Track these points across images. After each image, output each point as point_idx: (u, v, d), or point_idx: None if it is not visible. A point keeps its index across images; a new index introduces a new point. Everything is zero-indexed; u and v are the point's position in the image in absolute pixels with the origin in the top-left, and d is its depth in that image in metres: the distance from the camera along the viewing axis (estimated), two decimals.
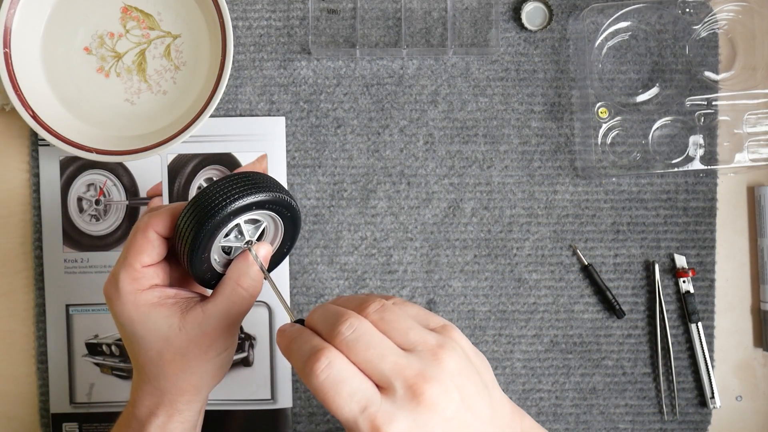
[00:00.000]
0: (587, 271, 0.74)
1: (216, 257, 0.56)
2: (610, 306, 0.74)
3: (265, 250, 0.56)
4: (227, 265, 0.57)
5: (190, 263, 0.54)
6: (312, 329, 0.47)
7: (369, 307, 0.47)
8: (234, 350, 0.57)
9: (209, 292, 0.58)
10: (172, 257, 0.57)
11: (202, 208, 0.53)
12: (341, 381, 0.44)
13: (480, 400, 0.46)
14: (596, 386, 0.75)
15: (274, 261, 0.60)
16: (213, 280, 0.57)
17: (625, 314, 0.74)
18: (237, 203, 0.52)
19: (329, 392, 0.44)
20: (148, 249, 0.55)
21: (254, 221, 0.56)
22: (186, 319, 0.55)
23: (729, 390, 0.76)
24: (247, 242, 0.56)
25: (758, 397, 0.76)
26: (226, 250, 0.57)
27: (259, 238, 0.57)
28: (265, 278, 0.56)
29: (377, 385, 0.44)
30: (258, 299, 0.74)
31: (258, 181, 0.54)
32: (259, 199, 0.53)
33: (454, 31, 0.74)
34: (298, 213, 0.57)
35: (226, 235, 0.55)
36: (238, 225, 0.55)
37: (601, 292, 0.74)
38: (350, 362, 0.44)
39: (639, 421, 0.75)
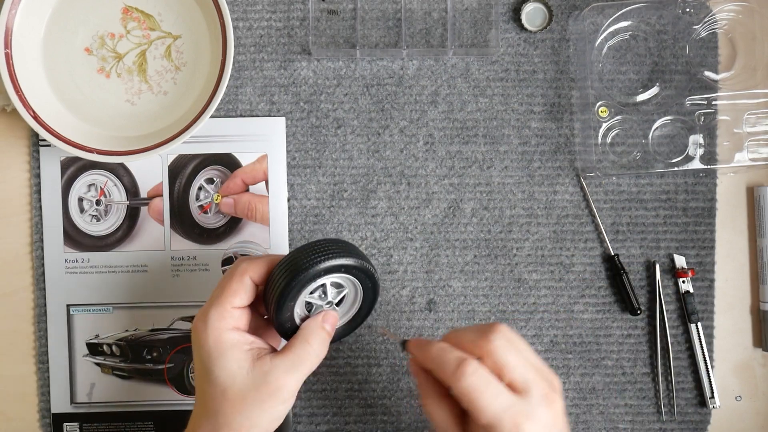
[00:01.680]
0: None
1: (298, 310, 0.61)
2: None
3: (333, 318, 0.62)
4: (305, 320, 0.61)
5: (277, 310, 0.59)
6: (455, 345, 0.56)
7: (497, 330, 0.55)
8: (289, 408, 0.60)
9: (280, 345, 0.63)
10: (254, 306, 0.62)
11: (299, 261, 0.58)
12: (488, 382, 0.52)
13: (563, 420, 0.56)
14: (596, 386, 0.75)
15: (349, 328, 0.65)
16: (290, 331, 0.61)
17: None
18: (330, 261, 0.58)
19: (478, 390, 0.52)
20: (241, 292, 0.59)
21: (338, 285, 0.62)
22: (255, 365, 0.58)
23: (728, 390, 0.76)
24: (327, 303, 0.62)
25: (758, 397, 0.76)
26: (308, 307, 0.62)
27: (340, 303, 0.63)
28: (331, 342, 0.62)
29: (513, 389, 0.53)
30: None
31: (352, 249, 0.60)
32: (350, 263, 0.59)
33: (454, 32, 0.74)
34: (378, 288, 0.63)
35: (312, 291, 0.61)
36: (323, 285, 0.61)
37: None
38: (488, 371, 0.53)
39: (638, 421, 0.75)
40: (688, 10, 0.73)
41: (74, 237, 0.74)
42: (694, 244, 0.75)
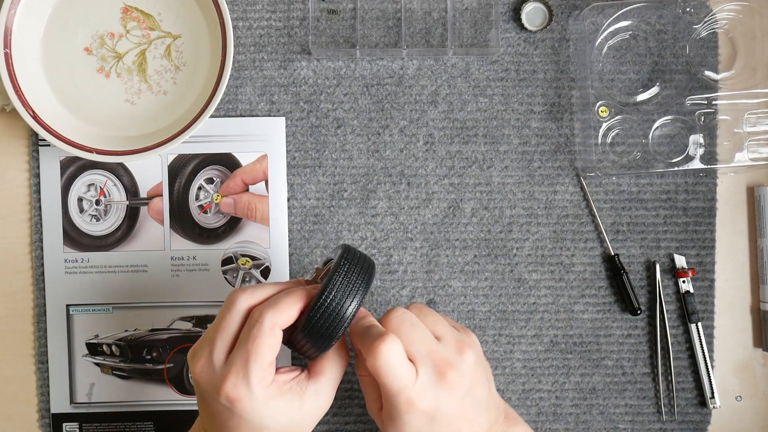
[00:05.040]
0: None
1: None
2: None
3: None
4: None
5: (322, 351, 0.57)
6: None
7: (410, 306, 0.60)
8: None
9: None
10: None
11: (339, 305, 0.55)
12: (393, 366, 0.55)
13: (483, 389, 0.59)
14: (596, 386, 0.75)
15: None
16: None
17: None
18: (365, 292, 0.57)
19: (384, 373, 0.55)
20: (275, 347, 0.56)
21: None
22: (304, 399, 0.57)
23: (729, 390, 0.76)
24: None
25: (758, 397, 0.76)
26: None
27: None
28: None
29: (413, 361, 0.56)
30: None
31: (369, 262, 0.58)
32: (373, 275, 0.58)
33: (454, 32, 0.74)
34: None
35: None
36: None
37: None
38: (401, 350, 0.55)
39: (639, 421, 0.75)
40: (688, 9, 0.72)
41: (74, 237, 0.74)
42: (694, 244, 0.75)
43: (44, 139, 0.72)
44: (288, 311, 0.56)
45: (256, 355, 0.55)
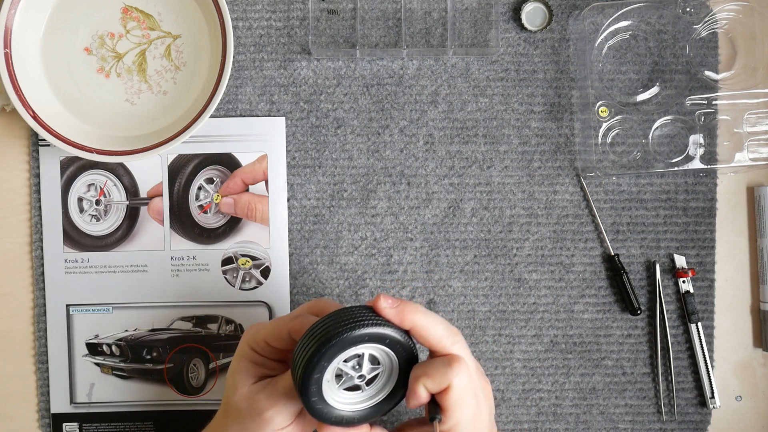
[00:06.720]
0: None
1: (328, 377, 0.55)
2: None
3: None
4: (340, 397, 0.57)
5: (303, 377, 0.54)
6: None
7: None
8: None
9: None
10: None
11: (340, 320, 0.53)
12: (469, 394, 0.57)
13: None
14: (596, 386, 0.75)
15: (374, 412, 0.59)
16: (318, 407, 0.56)
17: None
18: (376, 329, 0.54)
19: (466, 399, 0.56)
20: (272, 330, 0.59)
21: (375, 361, 0.57)
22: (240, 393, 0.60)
23: (729, 390, 0.76)
24: (360, 376, 0.56)
25: (758, 397, 0.76)
26: (338, 380, 0.56)
27: (373, 380, 0.57)
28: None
29: None
30: (258, 299, 0.74)
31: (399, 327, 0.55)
32: (397, 336, 0.54)
33: (454, 32, 0.74)
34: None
35: (347, 360, 0.55)
36: (361, 356, 0.56)
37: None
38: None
39: (639, 421, 0.75)
40: (688, 9, 0.72)
41: (74, 237, 0.74)
42: (694, 244, 0.75)
43: (44, 139, 0.72)
44: (298, 311, 0.60)
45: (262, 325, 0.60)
